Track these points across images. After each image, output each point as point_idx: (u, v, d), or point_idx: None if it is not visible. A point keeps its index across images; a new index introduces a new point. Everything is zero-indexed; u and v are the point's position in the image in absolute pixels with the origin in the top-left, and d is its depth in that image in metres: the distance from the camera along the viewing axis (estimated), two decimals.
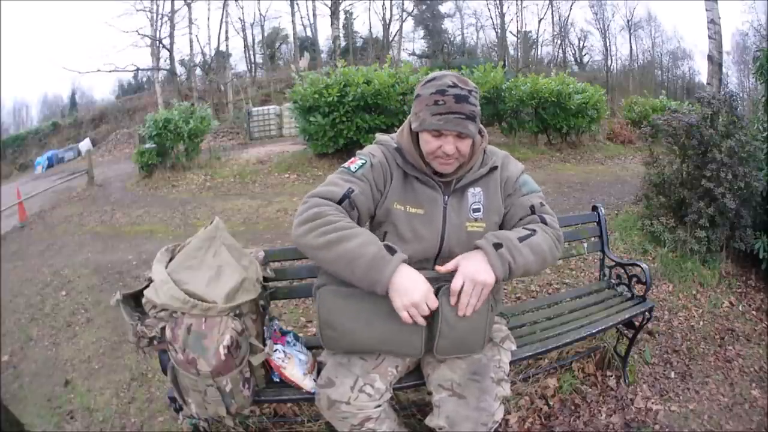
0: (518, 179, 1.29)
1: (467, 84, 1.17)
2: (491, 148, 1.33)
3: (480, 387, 1.17)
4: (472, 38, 25.87)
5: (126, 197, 6.97)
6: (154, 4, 17.45)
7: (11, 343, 2.90)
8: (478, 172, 1.26)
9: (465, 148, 1.18)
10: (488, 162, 1.28)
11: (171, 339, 1.15)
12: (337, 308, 1.14)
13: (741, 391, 2.08)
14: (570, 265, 3.15)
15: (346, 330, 1.13)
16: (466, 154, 1.20)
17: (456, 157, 1.19)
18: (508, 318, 1.75)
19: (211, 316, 1.15)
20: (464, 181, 1.25)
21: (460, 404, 1.16)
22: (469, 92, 1.15)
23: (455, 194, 1.26)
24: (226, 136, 14.22)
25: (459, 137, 1.16)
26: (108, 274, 3.71)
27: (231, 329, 1.17)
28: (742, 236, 3.03)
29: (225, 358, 1.15)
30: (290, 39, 23.81)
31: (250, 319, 1.28)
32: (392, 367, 1.25)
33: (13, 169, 19.50)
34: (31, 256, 4.63)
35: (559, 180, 6.26)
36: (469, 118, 1.15)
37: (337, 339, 1.15)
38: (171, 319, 1.16)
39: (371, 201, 1.22)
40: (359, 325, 1.13)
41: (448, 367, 1.21)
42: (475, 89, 1.18)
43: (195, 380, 1.16)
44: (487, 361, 1.22)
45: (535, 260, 1.14)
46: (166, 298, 1.14)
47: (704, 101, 3.25)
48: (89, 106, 25.59)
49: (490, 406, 1.16)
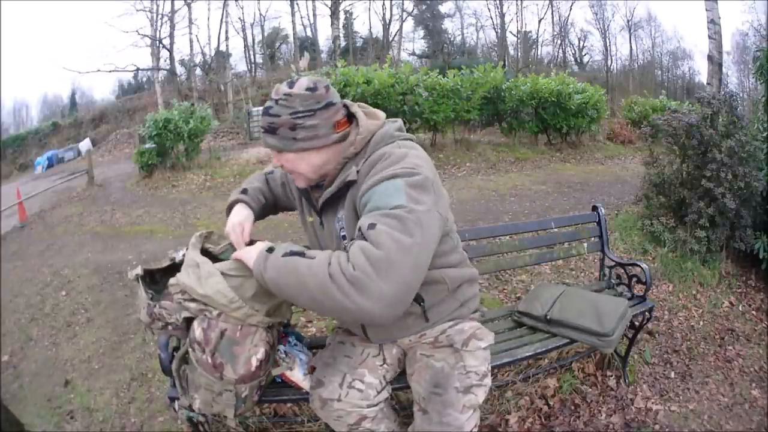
0: (369, 191, 0.96)
1: (278, 94, 1.04)
2: (378, 152, 1.04)
3: (442, 400, 1.12)
4: (472, 38, 25.89)
5: (126, 197, 6.97)
6: (154, 4, 17.47)
7: (11, 343, 2.90)
8: (329, 190, 1.09)
9: (287, 163, 1.08)
10: (342, 176, 1.06)
11: (202, 340, 1.11)
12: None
13: (741, 391, 2.08)
14: (570, 265, 3.15)
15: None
16: (294, 168, 1.08)
17: (288, 170, 1.11)
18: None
19: (250, 324, 1.12)
20: (321, 200, 1.11)
21: (425, 420, 1.14)
22: (276, 101, 1.03)
23: (327, 214, 1.14)
24: (226, 136, 14.22)
25: (276, 151, 1.07)
26: (108, 274, 3.71)
27: (265, 342, 1.15)
28: (742, 236, 3.03)
29: (255, 370, 1.13)
30: (290, 39, 23.83)
31: (277, 330, 1.28)
32: (378, 360, 1.24)
33: (13, 169, 19.50)
34: (31, 256, 4.63)
35: (559, 180, 6.26)
36: (266, 131, 1.06)
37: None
38: (203, 317, 1.11)
39: (281, 190, 1.36)
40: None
41: (416, 380, 1.20)
42: (283, 97, 1.02)
43: (212, 382, 1.13)
44: (450, 369, 1.15)
45: (291, 283, 0.91)
46: (212, 291, 1.06)
47: (704, 101, 3.25)
48: (89, 106, 25.57)
49: (454, 420, 1.11)
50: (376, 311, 0.83)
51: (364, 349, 1.25)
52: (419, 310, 1.15)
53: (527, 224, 2.06)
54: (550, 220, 2.12)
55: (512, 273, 2.98)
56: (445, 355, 1.18)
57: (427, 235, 0.90)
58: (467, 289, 1.23)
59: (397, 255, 0.84)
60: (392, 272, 0.83)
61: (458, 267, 1.21)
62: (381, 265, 0.83)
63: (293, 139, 1.03)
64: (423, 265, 0.90)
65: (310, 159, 1.06)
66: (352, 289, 0.83)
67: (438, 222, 0.96)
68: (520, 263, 2.04)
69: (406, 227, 0.87)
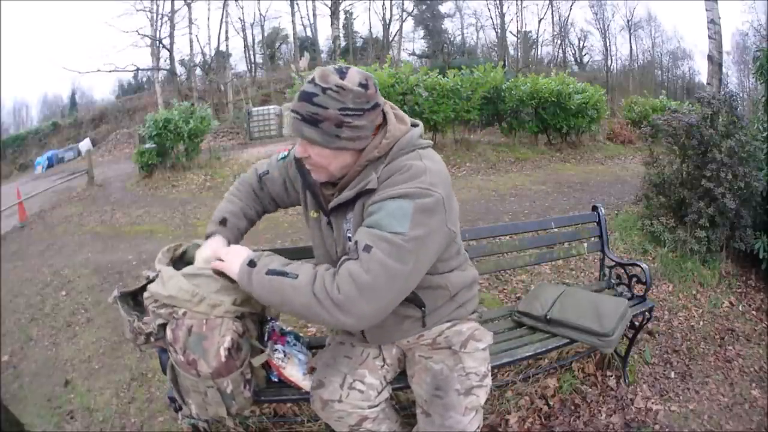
0: (380, 202, 0.97)
1: (327, 82, 0.94)
2: (398, 161, 1.02)
3: (444, 403, 1.13)
4: (472, 38, 25.88)
5: (126, 197, 6.97)
6: (154, 4, 17.47)
7: (11, 343, 2.90)
8: (346, 194, 1.03)
9: (317, 157, 1.00)
10: (362, 182, 1.02)
11: (171, 340, 1.14)
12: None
13: (741, 391, 2.08)
14: (570, 265, 3.16)
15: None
16: (322, 164, 1.02)
17: (313, 165, 1.03)
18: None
19: (216, 315, 1.14)
20: (335, 202, 1.06)
21: (428, 423, 1.14)
22: (323, 90, 0.94)
23: (336, 214, 1.10)
24: (226, 136, 14.22)
25: (307, 141, 0.99)
26: (108, 274, 3.71)
27: (232, 331, 1.16)
28: (742, 236, 3.03)
29: (225, 360, 1.14)
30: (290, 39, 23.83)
31: (251, 320, 1.28)
32: (378, 360, 1.24)
33: (13, 169, 19.49)
34: (31, 256, 4.63)
35: (559, 180, 6.26)
36: (305, 120, 0.96)
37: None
38: (172, 319, 1.14)
39: (282, 189, 1.28)
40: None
41: (416, 382, 1.20)
42: (334, 88, 0.93)
43: (195, 381, 1.15)
44: (450, 371, 1.15)
45: (275, 301, 0.97)
46: (174, 290, 1.11)
47: (704, 101, 3.25)
48: (89, 106, 25.54)
49: (457, 422, 1.12)
50: (355, 325, 0.94)
51: (364, 349, 1.25)
52: (419, 314, 1.14)
53: (527, 224, 2.06)
54: (550, 220, 2.11)
55: (512, 273, 2.98)
56: (444, 357, 1.18)
57: (422, 260, 0.96)
58: (467, 292, 1.23)
59: (385, 282, 0.90)
60: (376, 296, 0.90)
61: (460, 269, 1.20)
62: (366, 290, 0.89)
63: (336, 136, 0.96)
64: (411, 287, 0.97)
65: (344, 158, 1.02)
66: (335, 309, 0.90)
67: (443, 239, 1.01)
68: (520, 263, 2.04)
69: (401, 255, 0.91)
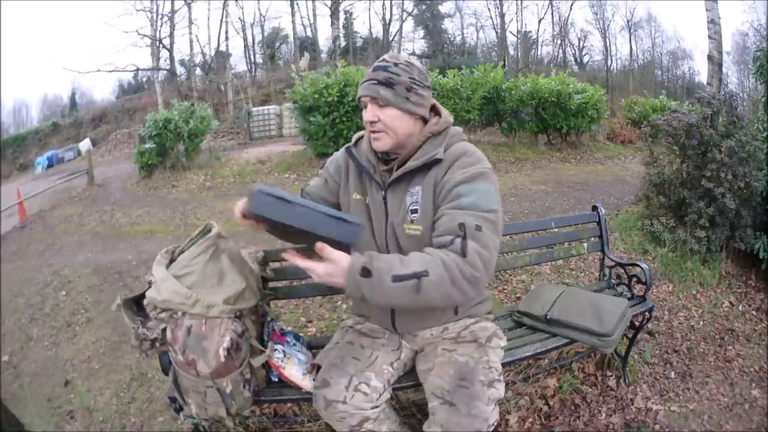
0: (458, 187, 1.10)
1: (397, 59, 1.15)
2: (459, 144, 1.19)
3: (469, 393, 1.14)
4: (472, 38, 25.93)
5: (126, 197, 6.97)
6: (154, 4, 17.50)
7: (11, 343, 2.90)
8: (413, 163, 1.16)
9: (387, 118, 1.13)
10: (429, 152, 1.16)
11: (171, 340, 1.15)
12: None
13: (741, 391, 2.08)
14: (570, 265, 3.16)
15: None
16: (391, 125, 1.13)
17: (381, 128, 1.14)
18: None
19: (212, 316, 1.15)
20: (401, 171, 1.17)
21: (452, 412, 1.14)
22: (395, 64, 1.14)
23: (394, 188, 1.20)
24: (226, 136, 14.22)
25: (378, 105, 1.13)
26: (108, 274, 3.71)
27: (231, 331, 1.16)
28: (742, 236, 3.03)
29: (225, 360, 1.14)
30: (290, 39, 23.88)
31: (250, 320, 1.28)
32: (387, 365, 1.25)
33: (13, 169, 19.48)
34: (31, 256, 4.63)
35: (559, 180, 6.26)
36: (381, 83, 1.12)
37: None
38: (171, 320, 1.15)
39: (326, 191, 1.35)
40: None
41: (437, 374, 1.19)
42: (404, 63, 1.15)
43: (195, 381, 1.15)
44: (475, 364, 1.18)
45: (409, 303, 1.00)
46: (168, 294, 1.13)
47: (704, 101, 3.25)
48: (89, 106, 25.57)
49: (482, 411, 1.13)
50: (474, 294, 1.06)
51: (373, 351, 1.26)
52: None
53: (527, 224, 2.06)
54: (550, 220, 2.11)
55: (512, 273, 2.98)
56: (470, 350, 1.22)
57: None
58: (485, 289, 1.32)
59: (494, 254, 1.05)
60: (491, 267, 1.05)
61: None
62: (489, 263, 1.03)
63: (406, 98, 1.13)
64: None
65: (408, 122, 1.15)
66: (470, 287, 1.01)
67: None
68: (520, 263, 2.04)
69: (497, 230, 1.08)
